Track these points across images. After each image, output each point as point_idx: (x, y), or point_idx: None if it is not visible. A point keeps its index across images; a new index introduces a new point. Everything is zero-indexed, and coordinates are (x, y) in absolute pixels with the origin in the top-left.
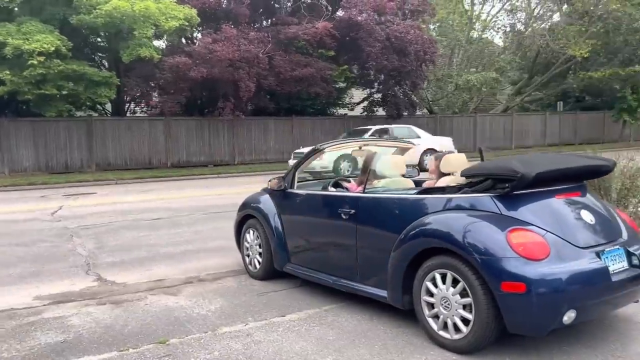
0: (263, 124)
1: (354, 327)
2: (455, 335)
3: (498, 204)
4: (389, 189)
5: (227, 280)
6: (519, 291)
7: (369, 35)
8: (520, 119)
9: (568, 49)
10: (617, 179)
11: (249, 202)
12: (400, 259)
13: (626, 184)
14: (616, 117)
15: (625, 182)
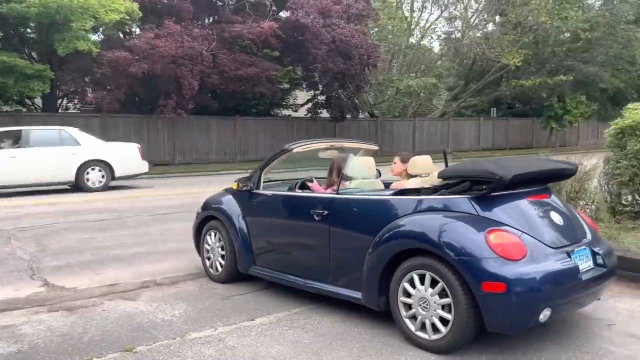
0: (205, 123)
1: (328, 329)
2: (433, 335)
3: (475, 206)
4: (362, 190)
5: (187, 284)
6: (499, 291)
7: (315, 37)
8: (456, 124)
9: (502, 58)
10: (568, 182)
11: (210, 203)
12: (377, 260)
13: (575, 186)
14: (544, 123)
15: (574, 185)
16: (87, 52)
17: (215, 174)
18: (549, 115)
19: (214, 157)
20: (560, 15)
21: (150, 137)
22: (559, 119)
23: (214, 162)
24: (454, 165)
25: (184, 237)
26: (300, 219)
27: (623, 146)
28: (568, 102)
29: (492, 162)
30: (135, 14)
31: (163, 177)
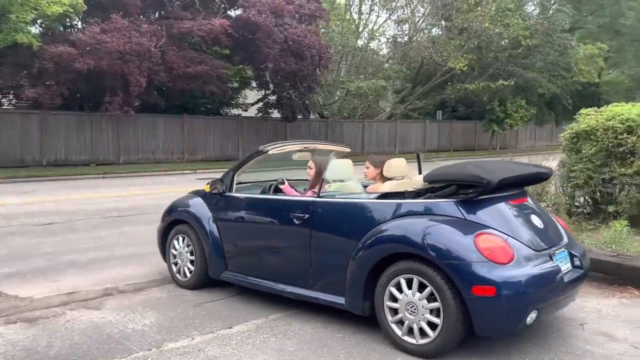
0: (152, 121)
1: (311, 336)
2: (421, 340)
3: (461, 209)
4: (343, 193)
5: (153, 290)
6: (489, 294)
7: (267, 36)
8: (404, 126)
9: (448, 62)
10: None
11: (177, 206)
12: (362, 264)
13: (537, 189)
14: (486, 126)
15: (537, 187)
16: (26, 46)
17: (162, 174)
18: (491, 119)
19: (161, 156)
20: (502, 22)
21: (93, 136)
22: (501, 122)
23: (161, 161)
24: (439, 169)
25: (141, 241)
26: (279, 222)
27: (578, 150)
28: (509, 106)
29: (477, 166)
30: (80, 6)
31: (108, 178)
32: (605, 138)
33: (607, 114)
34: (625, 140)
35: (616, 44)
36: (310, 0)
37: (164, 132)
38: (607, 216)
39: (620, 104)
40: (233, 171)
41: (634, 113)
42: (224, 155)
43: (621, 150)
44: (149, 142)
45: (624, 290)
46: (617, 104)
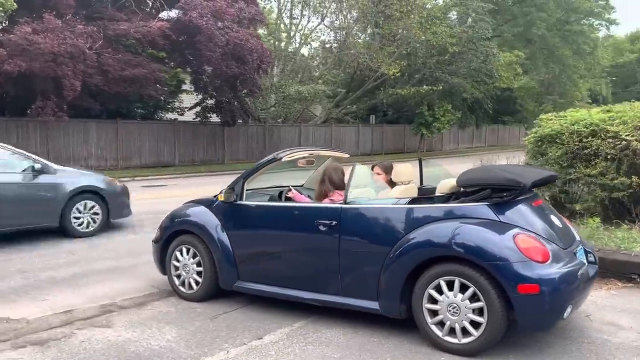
0: (83, 127)
1: (347, 341)
2: (463, 339)
3: (495, 212)
4: (367, 199)
5: (156, 304)
6: (533, 292)
7: (209, 39)
8: (338, 130)
9: (382, 67)
10: None
11: (179, 217)
12: (399, 268)
13: None
14: (415, 130)
15: None
16: None
17: None
18: (420, 122)
19: (94, 163)
20: (430, 30)
21: (20, 143)
22: (429, 126)
23: (94, 169)
24: (470, 173)
25: (116, 254)
26: (302, 230)
27: (543, 153)
28: (436, 110)
29: (506, 170)
30: (10, 4)
31: None
32: (571, 141)
33: (570, 119)
34: (589, 143)
35: (529, 52)
36: (250, 4)
37: (97, 138)
38: (572, 214)
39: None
40: (243, 179)
41: (596, 118)
42: (160, 161)
43: (586, 152)
44: (81, 149)
45: (608, 282)
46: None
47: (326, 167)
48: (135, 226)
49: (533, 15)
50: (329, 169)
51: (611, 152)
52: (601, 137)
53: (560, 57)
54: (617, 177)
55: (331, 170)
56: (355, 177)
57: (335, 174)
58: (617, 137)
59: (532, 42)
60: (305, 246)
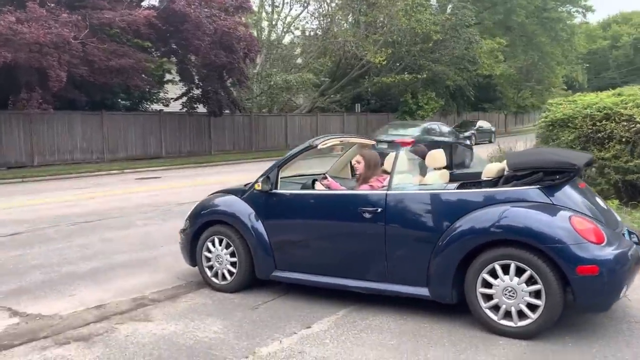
0: (68, 119)
1: (399, 328)
2: (519, 322)
3: (547, 195)
4: (414, 185)
5: (190, 296)
6: (592, 273)
7: (197, 28)
8: (324, 119)
9: (367, 55)
10: None
11: (210, 207)
12: (451, 254)
13: None
14: (400, 118)
15: None
16: None
17: (89, 175)
18: (404, 110)
19: (79, 156)
20: (415, 17)
21: (3, 136)
22: (413, 114)
23: (79, 162)
24: (521, 156)
25: (130, 247)
26: (344, 218)
27: (555, 137)
28: (420, 98)
29: (555, 153)
30: None
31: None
32: (584, 125)
33: (582, 103)
34: (603, 126)
35: (509, 39)
36: None
37: (82, 131)
38: None
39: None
40: (278, 167)
41: (609, 102)
42: (147, 153)
43: (600, 135)
44: (66, 142)
45: None
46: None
47: (365, 154)
48: (143, 219)
49: (513, 3)
50: (369, 155)
51: (625, 135)
52: (615, 120)
53: (539, 44)
54: (632, 159)
55: (371, 157)
56: (399, 163)
57: (375, 161)
58: (632, 120)
59: (511, 29)
60: (349, 234)
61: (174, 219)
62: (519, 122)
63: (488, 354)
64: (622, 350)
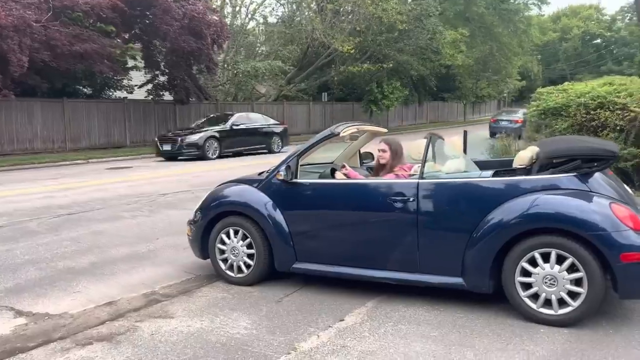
0: (27, 106)
1: (435, 318)
2: (560, 310)
3: (584, 183)
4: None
5: (205, 291)
6: (636, 260)
7: (165, 12)
8: (290, 108)
9: (335, 43)
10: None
11: (223, 197)
12: (489, 243)
13: None
14: (365, 107)
15: None
16: None
17: (46, 165)
18: (370, 100)
19: (40, 146)
20: (381, 6)
21: None
22: (378, 103)
23: (39, 152)
24: (555, 144)
25: (125, 240)
26: (373, 208)
27: (548, 125)
28: (385, 87)
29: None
30: None
31: None
32: (578, 113)
33: (574, 92)
34: (597, 115)
35: (469, 30)
36: None
37: (42, 119)
38: None
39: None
40: (297, 156)
41: (602, 91)
42: (111, 142)
43: (594, 124)
44: (25, 130)
45: None
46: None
47: (391, 142)
48: (130, 210)
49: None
50: (395, 143)
51: (620, 123)
52: (609, 109)
53: (497, 35)
54: (625, 147)
55: (397, 145)
56: (431, 151)
57: (401, 149)
58: (626, 109)
59: (470, 20)
60: (378, 224)
61: (162, 210)
62: (476, 112)
63: (533, 343)
64: None
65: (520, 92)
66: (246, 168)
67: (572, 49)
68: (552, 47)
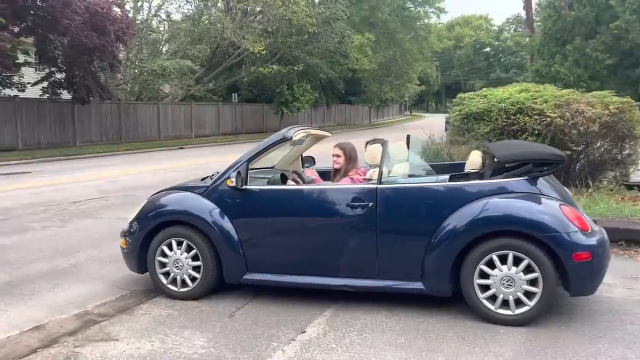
0: None
1: (396, 325)
2: (517, 309)
3: (535, 186)
4: (404, 177)
5: (146, 308)
6: (585, 259)
7: (65, 5)
8: (199, 109)
9: (246, 44)
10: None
11: (165, 206)
12: (449, 247)
13: None
14: (276, 109)
15: None
16: None
17: None
18: (280, 102)
19: None
20: (291, 8)
21: None
22: (289, 105)
23: None
24: (510, 148)
25: (41, 254)
26: (331, 214)
27: (470, 129)
28: (296, 89)
29: (539, 146)
30: None
31: None
32: (500, 118)
33: (495, 98)
34: (517, 119)
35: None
36: None
37: None
38: None
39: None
40: (247, 162)
41: (521, 97)
42: (0, 144)
43: (514, 128)
44: None
45: None
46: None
47: (345, 147)
48: (38, 220)
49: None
50: (349, 148)
51: (537, 127)
52: (528, 115)
53: (400, 41)
54: None
55: (352, 149)
56: (388, 156)
57: (355, 153)
58: (543, 114)
59: (375, 25)
60: (336, 230)
61: (75, 219)
62: (380, 115)
63: (497, 344)
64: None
65: (419, 96)
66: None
67: (465, 57)
68: (448, 54)
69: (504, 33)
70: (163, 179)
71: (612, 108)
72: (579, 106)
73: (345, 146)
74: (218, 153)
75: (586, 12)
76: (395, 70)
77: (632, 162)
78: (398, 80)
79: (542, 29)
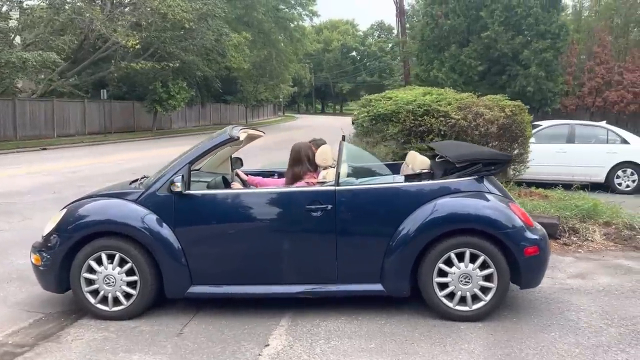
0: None
1: (360, 329)
2: (474, 305)
3: (485, 185)
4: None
5: (75, 333)
6: (535, 254)
7: None
8: (61, 106)
9: (118, 37)
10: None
11: (91, 216)
12: (409, 248)
13: None
14: (149, 107)
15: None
16: None
17: None
18: (154, 99)
19: None
20: (166, 2)
21: None
22: (163, 103)
23: None
24: (459, 149)
25: None
26: (287, 218)
27: (379, 130)
28: (171, 87)
29: (479, 147)
30: None
31: None
32: (407, 120)
33: (402, 100)
34: (424, 121)
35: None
36: None
37: None
38: None
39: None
40: (189, 164)
41: (427, 99)
42: None
43: (421, 129)
44: None
45: None
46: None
47: (300, 147)
48: None
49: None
50: (305, 148)
51: (443, 128)
52: (434, 116)
53: (275, 42)
54: None
55: (308, 150)
56: (345, 157)
57: (311, 154)
58: (448, 116)
59: (250, 25)
60: (292, 235)
61: None
62: (255, 115)
63: (465, 341)
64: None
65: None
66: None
67: (333, 60)
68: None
69: (368, 39)
70: (45, 182)
71: (508, 110)
72: (479, 109)
73: (302, 147)
74: (94, 154)
75: (460, 22)
76: (270, 71)
77: (522, 161)
78: (273, 81)
79: (421, 36)
